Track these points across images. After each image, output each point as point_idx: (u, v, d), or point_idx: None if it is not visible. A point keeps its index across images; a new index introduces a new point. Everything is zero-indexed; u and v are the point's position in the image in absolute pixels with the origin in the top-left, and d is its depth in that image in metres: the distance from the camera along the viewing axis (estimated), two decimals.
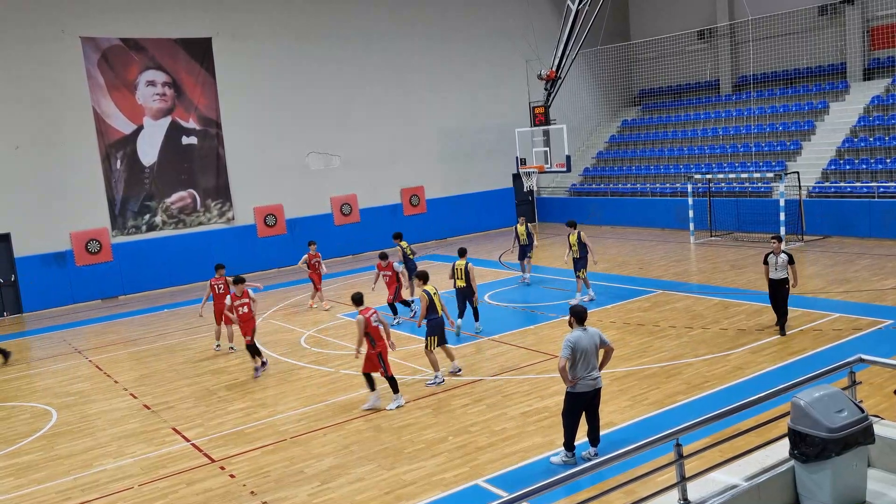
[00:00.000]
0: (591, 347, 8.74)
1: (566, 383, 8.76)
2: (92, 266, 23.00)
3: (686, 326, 14.47)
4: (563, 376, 8.70)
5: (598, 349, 8.84)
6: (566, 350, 8.65)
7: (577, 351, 8.65)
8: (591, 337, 8.79)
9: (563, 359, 8.64)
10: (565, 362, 8.63)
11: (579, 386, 8.75)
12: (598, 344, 8.83)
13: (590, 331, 8.85)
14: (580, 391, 8.77)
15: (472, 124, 30.35)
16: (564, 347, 8.67)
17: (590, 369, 8.75)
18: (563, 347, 8.68)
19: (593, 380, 8.79)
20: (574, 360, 8.66)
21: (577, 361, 8.67)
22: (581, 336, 8.74)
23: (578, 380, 8.72)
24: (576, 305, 9.03)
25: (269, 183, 25.95)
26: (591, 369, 8.76)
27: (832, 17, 27.16)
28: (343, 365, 13.95)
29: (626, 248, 24.12)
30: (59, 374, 15.37)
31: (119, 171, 23.49)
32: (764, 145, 26.70)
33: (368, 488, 8.95)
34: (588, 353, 8.71)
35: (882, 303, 14.97)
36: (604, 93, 33.93)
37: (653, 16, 33.40)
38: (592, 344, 8.77)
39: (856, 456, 5.72)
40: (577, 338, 8.71)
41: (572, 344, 8.66)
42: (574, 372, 8.69)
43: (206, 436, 11.10)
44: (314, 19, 26.71)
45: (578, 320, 8.85)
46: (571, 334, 8.77)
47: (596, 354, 8.82)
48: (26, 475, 10.27)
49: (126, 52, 23.36)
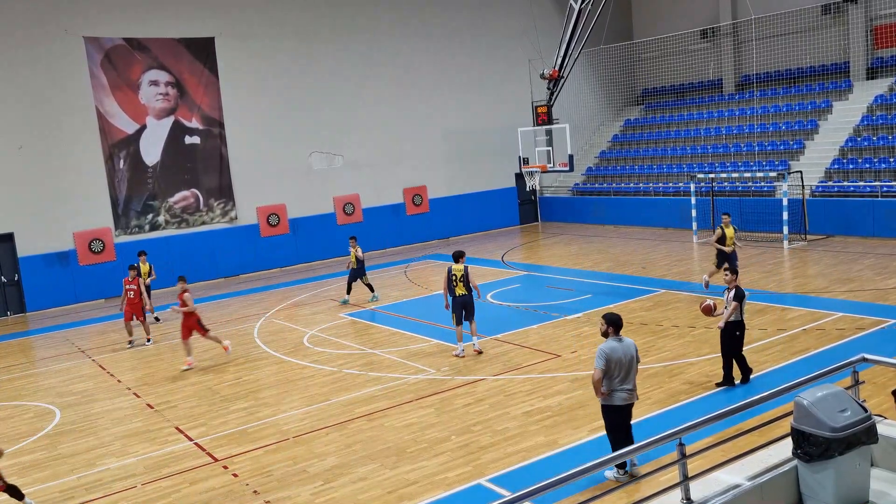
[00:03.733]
0: (625, 359, 8.21)
1: (598, 395, 8.31)
2: (95, 266, 23.03)
3: (689, 326, 14.46)
4: (595, 388, 8.25)
5: (634, 361, 8.31)
6: (600, 360, 8.14)
7: (611, 361, 8.15)
8: (626, 348, 8.26)
9: (598, 370, 8.13)
10: (600, 374, 8.13)
11: (615, 398, 8.26)
12: (633, 356, 8.31)
13: (625, 341, 8.31)
14: (617, 404, 8.29)
15: (474, 124, 30.33)
16: (599, 357, 8.16)
17: (625, 382, 8.24)
18: (598, 357, 8.17)
19: (628, 393, 8.30)
20: (608, 371, 8.17)
21: (612, 373, 8.18)
22: (616, 346, 8.20)
23: (612, 392, 8.24)
24: (611, 313, 8.48)
25: (272, 183, 25.96)
26: (626, 381, 8.25)
27: (835, 16, 27.11)
28: (346, 364, 13.96)
29: (628, 248, 24.11)
30: (62, 374, 15.40)
31: (122, 171, 23.52)
32: (767, 144, 26.67)
33: (371, 487, 8.96)
34: (623, 365, 8.19)
35: (885, 302, 14.94)
36: (606, 92, 33.91)
37: (656, 15, 33.36)
38: (628, 355, 8.24)
39: (859, 455, 5.71)
40: (612, 348, 8.18)
41: (607, 354, 8.14)
42: (608, 384, 8.21)
43: (208, 435, 11.11)
44: (317, 19, 26.72)
45: (615, 329, 8.32)
46: (606, 344, 8.23)
47: (632, 367, 8.29)
48: (30, 474, 10.29)
49: (129, 51, 23.39)
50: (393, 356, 14.26)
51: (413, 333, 15.76)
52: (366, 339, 15.78)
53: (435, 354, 14.10)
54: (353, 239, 19.17)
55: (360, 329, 16.69)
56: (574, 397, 11.23)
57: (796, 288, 16.72)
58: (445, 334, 15.44)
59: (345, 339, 15.91)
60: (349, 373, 13.45)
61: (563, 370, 12.54)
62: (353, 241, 19.07)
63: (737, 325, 10.93)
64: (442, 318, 16.82)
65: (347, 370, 13.61)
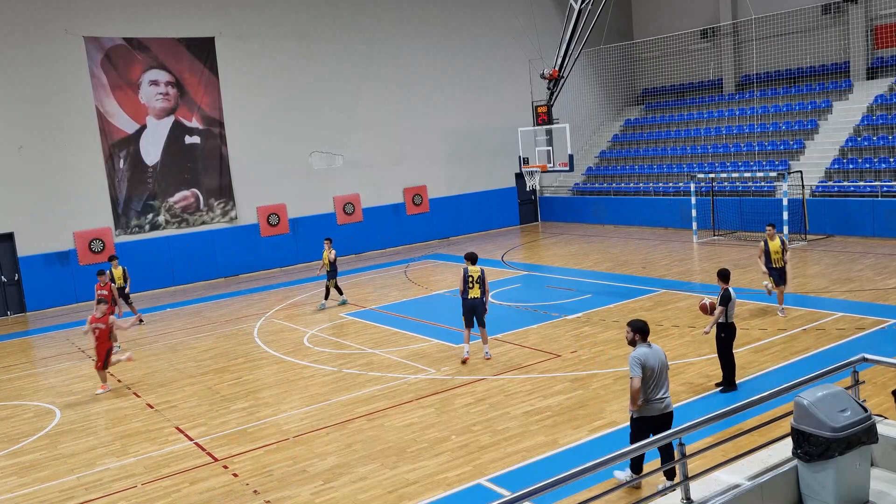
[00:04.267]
0: (658, 366, 7.90)
1: (634, 406, 7.89)
2: (95, 265, 22.99)
3: (689, 326, 14.46)
4: (633, 397, 7.83)
5: (665, 368, 8.01)
6: (636, 368, 7.79)
7: (646, 369, 7.81)
8: (657, 354, 7.96)
9: (637, 378, 7.77)
10: (639, 381, 7.77)
11: (652, 409, 7.90)
12: (664, 363, 8.00)
13: (654, 348, 8.03)
14: (646, 415, 7.94)
15: (474, 123, 30.33)
16: (633, 366, 7.82)
17: (660, 390, 7.92)
18: (632, 366, 7.84)
19: (662, 402, 7.93)
20: (644, 379, 7.83)
21: (647, 382, 7.85)
22: (648, 353, 7.90)
23: (647, 402, 7.89)
24: (637, 319, 8.21)
25: (272, 182, 25.96)
26: (661, 390, 7.93)
27: (836, 15, 27.11)
28: (346, 364, 13.96)
29: (628, 248, 24.11)
30: (62, 373, 15.39)
31: (122, 171, 23.52)
32: (767, 144, 26.66)
33: (371, 487, 8.96)
34: (657, 372, 7.89)
35: (885, 302, 14.94)
36: (607, 92, 33.90)
37: (656, 15, 33.35)
38: (660, 362, 7.94)
39: (859, 455, 5.72)
40: (644, 355, 7.86)
41: (642, 361, 7.80)
42: (643, 394, 7.87)
43: (209, 435, 11.11)
44: (317, 19, 26.72)
45: (643, 336, 8.02)
46: (638, 351, 7.91)
47: (664, 374, 7.98)
48: (30, 474, 10.29)
49: (129, 51, 23.39)
50: (393, 356, 14.26)
51: (413, 333, 15.76)
52: (366, 339, 15.78)
53: (435, 354, 14.10)
54: (328, 241, 18.85)
55: (360, 329, 16.69)
56: (574, 397, 11.23)
57: (796, 288, 16.71)
58: (445, 334, 15.45)
59: (345, 339, 15.91)
60: (349, 373, 13.45)
61: (563, 370, 12.54)
62: (329, 242, 18.77)
63: (721, 328, 10.85)
64: (442, 318, 16.83)
65: (347, 370, 13.61)
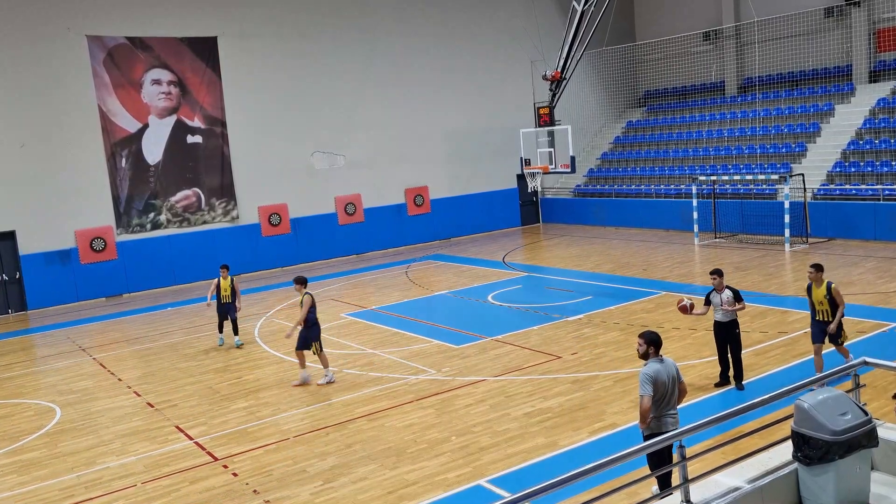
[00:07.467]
0: (669, 381, 7.55)
1: (643, 425, 7.59)
2: (96, 264, 23.04)
3: (690, 328, 14.45)
4: (643, 416, 7.51)
5: (675, 383, 7.65)
6: (647, 386, 7.43)
7: (658, 386, 7.49)
8: (668, 369, 7.60)
9: (647, 397, 7.43)
10: (649, 400, 7.43)
11: (665, 425, 7.55)
12: (675, 377, 7.65)
13: (667, 362, 7.67)
14: (658, 431, 7.53)
15: (476, 124, 30.33)
16: (644, 383, 7.46)
17: (670, 407, 7.61)
18: (643, 383, 7.47)
19: (672, 418, 7.62)
20: (655, 398, 7.51)
21: (659, 399, 7.52)
22: (660, 369, 7.54)
23: (659, 418, 7.58)
24: (650, 331, 7.83)
25: (274, 182, 25.97)
26: (670, 407, 7.62)
27: (838, 18, 27.10)
28: (346, 364, 13.96)
29: (630, 250, 24.10)
30: (62, 372, 15.40)
31: (124, 170, 23.53)
32: (769, 147, 26.65)
33: (371, 488, 8.96)
34: (668, 389, 7.55)
35: (887, 306, 14.93)
36: (609, 94, 33.90)
37: (658, 17, 33.35)
38: (671, 378, 7.58)
39: (859, 459, 5.71)
40: (656, 371, 7.50)
41: (653, 378, 7.45)
42: (655, 410, 7.54)
43: (209, 434, 11.11)
44: (319, 19, 26.72)
45: (656, 348, 7.66)
46: (650, 367, 7.54)
47: (675, 389, 7.64)
48: (29, 472, 10.29)
49: (132, 50, 23.41)
50: (393, 356, 14.27)
51: (414, 334, 15.76)
52: (366, 339, 15.78)
53: (435, 355, 14.10)
54: (224, 268, 15.86)
55: (361, 329, 16.69)
56: (575, 399, 11.22)
57: (797, 291, 16.69)
58: (446, 335, 15.45)
59: (345, 339, 15.91)
60: (349, 373, 13.45)
61: (564, 371, 12.54)
62: (225, 270, 15.82)
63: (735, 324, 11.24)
64: (442, 319, 16.83)
65: (347, 370, 13.61)
